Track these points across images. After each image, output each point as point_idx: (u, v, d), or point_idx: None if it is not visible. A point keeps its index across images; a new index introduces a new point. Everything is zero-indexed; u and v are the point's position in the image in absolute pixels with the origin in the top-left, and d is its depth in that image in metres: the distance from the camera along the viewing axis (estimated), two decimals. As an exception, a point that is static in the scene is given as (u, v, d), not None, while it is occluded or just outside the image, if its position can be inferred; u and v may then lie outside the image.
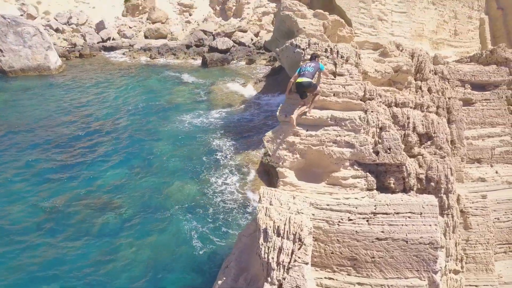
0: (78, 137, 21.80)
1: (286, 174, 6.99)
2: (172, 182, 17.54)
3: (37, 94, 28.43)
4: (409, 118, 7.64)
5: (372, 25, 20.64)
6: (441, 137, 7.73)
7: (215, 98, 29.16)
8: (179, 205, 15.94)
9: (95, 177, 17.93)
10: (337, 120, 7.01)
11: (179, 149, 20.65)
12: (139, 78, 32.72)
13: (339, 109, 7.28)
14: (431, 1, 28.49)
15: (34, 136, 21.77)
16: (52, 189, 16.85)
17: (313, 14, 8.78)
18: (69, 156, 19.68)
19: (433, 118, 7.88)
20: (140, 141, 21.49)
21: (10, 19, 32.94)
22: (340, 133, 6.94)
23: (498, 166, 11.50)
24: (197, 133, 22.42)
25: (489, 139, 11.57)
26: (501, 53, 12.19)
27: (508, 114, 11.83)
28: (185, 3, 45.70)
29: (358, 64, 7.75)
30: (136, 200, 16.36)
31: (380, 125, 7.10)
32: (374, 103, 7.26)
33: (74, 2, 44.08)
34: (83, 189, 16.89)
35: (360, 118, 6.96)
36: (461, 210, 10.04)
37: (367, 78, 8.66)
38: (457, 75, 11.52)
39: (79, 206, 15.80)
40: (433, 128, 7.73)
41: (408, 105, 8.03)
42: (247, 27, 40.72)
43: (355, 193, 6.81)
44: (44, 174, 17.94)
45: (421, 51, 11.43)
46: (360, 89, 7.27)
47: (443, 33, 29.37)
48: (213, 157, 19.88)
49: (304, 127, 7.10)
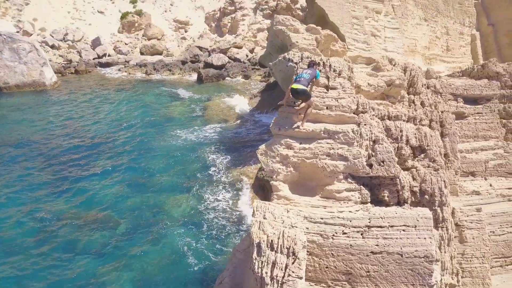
0: (72, 152, 21.66)
1: (280, 187, 6.95)
2: (166, 198, 17.39)
3: (32, 110, 28.36)
4: (402, 131, 7.67)
5: (366, 41, 20.94)
6: (434, 150, 7.75)
7: (211, 113, 29.19)
8: (173, 221, 15.76)
9: (88, 192, 17.74)
10: (330, 133, 7.02)
11: (173, 165, 20.54)
12: (134, 93, 32.77)
13: (332, 122, 7.30)
14: (423, 17, 28.99)
15: (28, 151, 21.62)
16: (44, 204, 16.64)
17: (305, 28, 8.87)
18: (62, 172, 19.52)
19: (426, 131, 7.91)
20: (134, 156, 21.37)
21: (6, 35, 33.10)
22: (333, 146, 6.94)
23: (492, 179, 11.53)
24: (192, 148, 22.35)
25: (482, 152, 11.63)
26: (492, 68, 12.37)
27: (501, 127, 11.93)
28: (180, 20, 46.21)
29: (351, 77, 7.81)
30: (129, 215, 16.17)
31: (373, 138, 7.12)
32: (367, 116, 7.29)
33: (70, 19, 44.43)
34: (75, 205, 16.68)
35: (353, 131, 6.98)
36: (456, 223, 10.00)
37: (360, 91, 8.72)
38: (449, 89, 11.65)
39: (71, 222, 15.58)
40: (426, 141, 7.76)
41: (401, 118, 8.07)
42: (242, 44, 41.14)
43: (349, 206, 6.77)
44: (37, 189, 17.74)
45: (413, 66, 11.57)
46: (353, 102, 7.31)
47: (435, 48, 29.81)
48: (208, 172, 19.77)
49: (297, 140, 7.11)
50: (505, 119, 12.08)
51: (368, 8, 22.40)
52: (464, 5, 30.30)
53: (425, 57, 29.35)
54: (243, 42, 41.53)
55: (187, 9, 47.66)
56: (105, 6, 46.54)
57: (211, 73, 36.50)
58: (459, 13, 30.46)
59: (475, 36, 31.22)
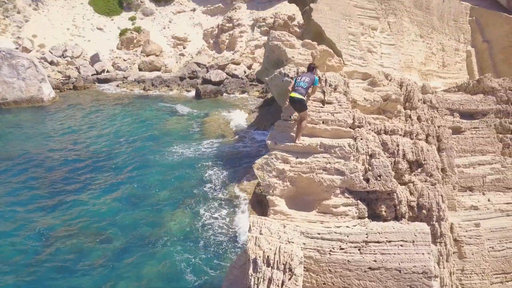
0: (69, 168, 21.59)
1: (276, 202, 6.89)
2: (163, 214, 17.26)
3: (30, 125, 28.40)
4: (398, 146, 7.66)
5: (362, 57, 21.17)
6: (431, 164, 7.72)
7: (208, 129, 29.24)
8: (170, 237, 15.61)
9: (84, 208, 17.62)
10: (327, 147, 7.00)
11: (170, 181, 20.45)
12: (132, 109, 32.84)
13: (328, 136, 7.29)
14: (418, 34, 29.37)
15: (25, 167, 21.55)
16: (39, 220, 16.50)
17: (301, 44, 8.94)
18: (59, 188, 19.41)
19: (423, 146, 7.90)
20: (131, 172, 21.30)
21: (5, 51, 33.35)
22: (330, 160, 6.90)
23: (490, 194, 11.47)
24: (189, 164, 22.29)
25: (480, 167, 11.60)
26: (488, 83, 12.45)
27: (497, 142, 11.94)
28: (179, 36, 46.68)
29: (346, 92, 7.84)
30: (126, 231, 16.01)
31: (370, 152, 7.10)
32: (363, 131, 7.28)
33: (70, 36, 44.83)
34: (71, 221, 16.54)
35: (350, 145, 6.96)
36: (454, 239, 9.91)
37: (356, 106, 8.74)
38: (445, 104, 11.70)
39: (66, 238, 15.42)
40: (423, 155, 7.74)
41: (397, 132, 8.07)
42: (240, 60, 41.50)
43: (346, 221, 6.70)
44: (33, 205, 17.63)
45: (409, 81, 11.64)
46: (349, 117, 7.31)
47: (431, 64, 30.13)
48: (205, 188, 19.68)
49: (294, 154, 7.08)
50: (502, 133, 12.09)
51: (364, 24, 22.71)
52: (459, 22, 30.75)
53: (422, 73, 29.63)
54: (241, 58, 41.91)
55: (185, 26, 48.22)
56: (104, 23, 47.06)
57: (209, 89, 36.69)
58: (454, 30, 30.89)
59: (470, 52, 31.59)
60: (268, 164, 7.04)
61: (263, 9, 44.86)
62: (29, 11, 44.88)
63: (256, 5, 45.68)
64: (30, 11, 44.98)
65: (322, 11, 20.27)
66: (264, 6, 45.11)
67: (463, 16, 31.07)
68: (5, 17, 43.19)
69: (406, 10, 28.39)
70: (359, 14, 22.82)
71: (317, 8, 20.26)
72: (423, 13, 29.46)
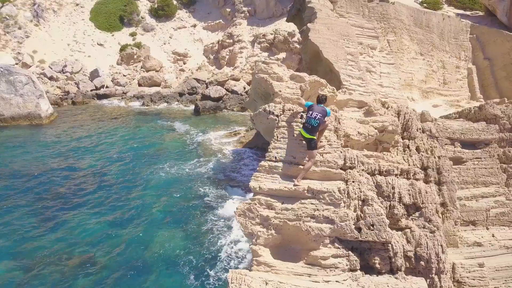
0: (59, 187, 21.10)
1: (260, 252, 6.31)
2: (156, 236, 16.67)
3: (25, 142, 28.06)
4: (394, 188, 7.09)
5: (361, 77, 20.70)
6: (430, 208, 7.14)
7: (205, 147, 28.77)
8: (162, 260, 15.03)
9: (75, 230, 17.05)
10: (315, 192, 6.45)
11: (165, 201, 19.90)
12: (130, 126, 32.47)
13: (317, 178, 6.74)
14: (419, 52, 28.98)
15: (17, 185, 21.09)
16: (23, 243, 15.94)
17: (290, 76, 8.47)
18: (45, 208, 18.92)
19: (421, 187, 7.32)
20: (123, 192, 20.77)
21: (3, 68, 33.24)
22: (318, 207, 6.34)
23: (494, 228, 10.84)
24: (183, 184, 21.76)
25: (483, 200, 10.99)
26: (490, 110, 11.91)
27: (501, 172, 11.34)
28: (179, 52, 46.54)
29: (338, 129, 7.31)
30: (117, 254, 15.42)
31: (363, 197, 6.54)
32: (355, 173, 6.73)
33: (70, 51, 44.76)
34: (61, 243, 15.96)
35: (340, 190, 6.40)
36: (457, 280, 9.26)
37: (349, 141, 8.22)
38: (445, 133, 11.15)
39: (50, 262, 14.84)
40: (420, 198, 7.16)
41: (392, 172, 7.50)
42: (239, 76, 41.18)
43: (336, 274, 6.11)
44: (23, 225, 17.07)
45: (407, 109, 11.11)
46: (339, 157, 6.77)
47: (432, 82, 29.68)
48: (200, 209, 19.10)
49: (279, 199, 6.52)
50: (506, 163, 11.50)
51: (363, 44, 22.31)
52: (460, 39, 30.37)
53: (422, 90, 29.16)
54: (240, 74, 41.63)
55: (186, 42, 48.14)
56: (105, 39, 47.05)
57: (208, 105, 36.35)
58: (455, 47, 30.49)
59: (471, 70, 31.16)
60: (251, 210, 6.48)
61: (263, 26, 44.76)
62: (30, 27, 44.96)
63: (256, 21, 45.60)
64: (31, 27, 45.06)
65: (320, 31, 19.89)
66: (264, 23, 45.02)
67: (463, 34, 30.72)
68: (6, 32, 43.25)
69: (406, 28, 28.04)
70: (357, 33, 22.45)
71: (315, 28, 19.87)
72: (423, 31, 29.10)
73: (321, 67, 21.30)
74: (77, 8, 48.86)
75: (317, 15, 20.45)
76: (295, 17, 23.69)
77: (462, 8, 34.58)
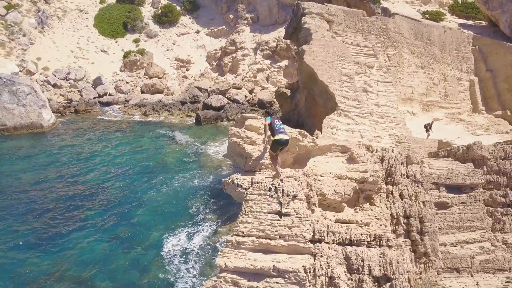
0: (56, 202, 21.22)
1: (225, 329, 6.37)
2: (154, 255, 16.76)
3: (27, 153, 28.39)
4: (363, 261, 7.07)
5: (356, 98, 20.55)
6: (401, 280, 7.12)
7: (206, 159, 28.83)
8: (160, 280, 15.13)
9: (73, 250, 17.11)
10: (281, 272, 6.46)
11: (164, 218, 19.92)
12: (131, 136, 32.65)
13: (285, 252, 6.75)
14: (419, 65, 28.64)
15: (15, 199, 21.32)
16: (18, 262, 16.11)
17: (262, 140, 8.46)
18: (47, 224, 19.03)
19: (392, 257, 7.29)
20: (121, 208, 20.83)
21: (6, 78, 33.65)
22: (283, 286, 6.37)
23: (479, 276, 10.74)
24: (182, 199, 21.81)
25: (467, 246, 10.89)
26: (478, 151, 11.76)
27: (487, 217, 11.22)
28: (182, 58, 46.62)
29: (309, 196, 7.30)
30: (111, 276, 15.56)
31: (330, 274, 6.54)
32: (324, 247, 6.73)
33: (74, 58, 45.11)
34: (58, 262, 16.09)
35: (305, 269, 6.41)
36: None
37: (325, 200, 8.21)
38: (430, 178, 11.04)
39: (51, 281, 15.01)
40: (391, 269, 7.14)
41: (363, 243, 7.46)
42: (241, 84, 41.15)
43: None
44: (19, 244, 17.25)
45: (391, 153, 11.04)
46: (308, 232, 6.77)
47: (433, 95, 29.35)
48: (200, 225, 19.10)
49: (245, 276, 6.55)
50: (492, 207, 11.36)
51: (359, 63, 22.11)
52: (461, 51, 29.95)
53: (423, 103, 28.88)
54: (242, 82, 41.60)
55: (189, 48, 48.19)
56: (109, 45, 47.30)
57: (210, 114, 36.43)
58: (456, 59, 30.08)
59: (473, 82, 30.76)
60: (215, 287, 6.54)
61: (266, 32, 44.59)
62: (34, 33, 45.37)
63: (259, 28, 45.45)
64: (36, 34, 45.47)
65: (315, 53, 19.76)
66: (267, 29, 44.84)
67: (465, 45, 30.28)
68: (11, 39, 43.70)
69: (406, 42, 27.72)
70: (354, 52, 22.23)
71: (310, 50, 19.74)
72: (424, 44, 28.74)
73: (317, 87, 21.20)
74: (81, 15, 49.16)
75: (313, 36, 20.31)
76: (292, 35, 23.55)
77: (465, 18, 34.06)
